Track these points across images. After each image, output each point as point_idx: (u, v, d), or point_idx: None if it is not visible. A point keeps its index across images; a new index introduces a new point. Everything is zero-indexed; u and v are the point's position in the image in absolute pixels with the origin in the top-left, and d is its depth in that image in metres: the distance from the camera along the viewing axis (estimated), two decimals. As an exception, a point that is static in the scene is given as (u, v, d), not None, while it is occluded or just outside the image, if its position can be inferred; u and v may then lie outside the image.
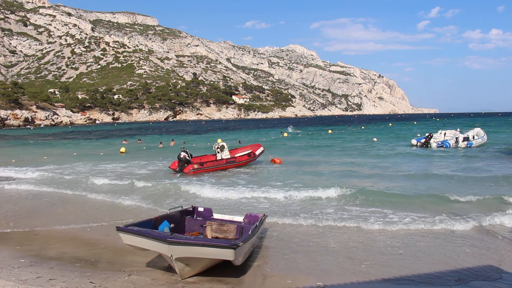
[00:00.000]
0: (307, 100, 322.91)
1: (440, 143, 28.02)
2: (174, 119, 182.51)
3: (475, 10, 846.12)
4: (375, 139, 35.54)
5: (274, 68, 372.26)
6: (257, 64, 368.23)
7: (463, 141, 27.13)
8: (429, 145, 28.31)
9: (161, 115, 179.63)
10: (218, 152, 18.43)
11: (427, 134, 30.07)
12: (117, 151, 29.32)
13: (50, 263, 6.59)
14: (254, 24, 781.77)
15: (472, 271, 6.11)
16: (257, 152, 19.12)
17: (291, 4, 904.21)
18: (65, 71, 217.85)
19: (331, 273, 6.10)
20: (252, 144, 21.23)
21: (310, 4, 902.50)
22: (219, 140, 34.23)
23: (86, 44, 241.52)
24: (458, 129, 31.80)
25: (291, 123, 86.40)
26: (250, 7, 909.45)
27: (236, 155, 18.70)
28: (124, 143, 37.77)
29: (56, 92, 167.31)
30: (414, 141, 30.27)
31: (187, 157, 17.31)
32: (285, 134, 47.78)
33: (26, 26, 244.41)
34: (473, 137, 28.44)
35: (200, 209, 8.05)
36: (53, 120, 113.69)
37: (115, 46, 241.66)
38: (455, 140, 27.62)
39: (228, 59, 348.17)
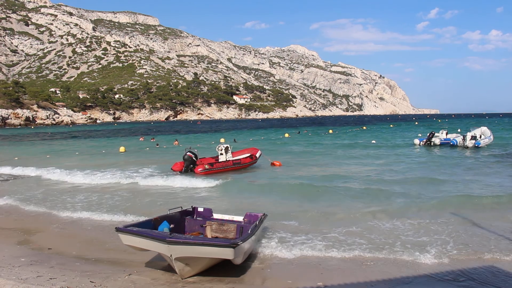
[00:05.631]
0: (308, 100, 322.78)
1: (443, 140, 28.24)
2: (175, 119, 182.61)
3: (474, 11, 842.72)
4: (373, 142, 35.13)
5: (275, 68, 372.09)
6: (258, 64, 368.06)
7: (470, 139, 26.83)
8: (432, 143, 28.52)
9: (162, 115, 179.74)
10: (222, 154, 18.40)
11: (428, 134, 30.28)
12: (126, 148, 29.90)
13: (50, 262, 6.60)
14: (254, 24, 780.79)
15: (469, 270, 6.12)
16: (257, 155, 19.39)
17: (290, 5, 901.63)
18: (66, 70, 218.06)
19: (331, 273, 6.12)
20: (249, 148, 21.28)
21: (309, 5, 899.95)
22: (222, 140, 34.30)
23: (87, 43, 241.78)
24: (459, 130, 31.94)
25: (292, 124, 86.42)
26: (249, 7, 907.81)
27: (240, 157, 18.79)
28: (141, 140, 41.20)
29: (57, 92, 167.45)
30: (416, 141, 30.34)
31: (193, 158, 17.31)
32: (286, 135, 47.88)
33: (28, 26, 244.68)
34: (480, 136, 28.07)
35: (200, 209, 8.05)
36: (54, 120, 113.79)
37: (116, 45, 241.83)
38: (462, 138, 27.55)
39: (229, 59, 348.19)
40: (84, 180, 15.47)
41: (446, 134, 29.89)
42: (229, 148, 18.76)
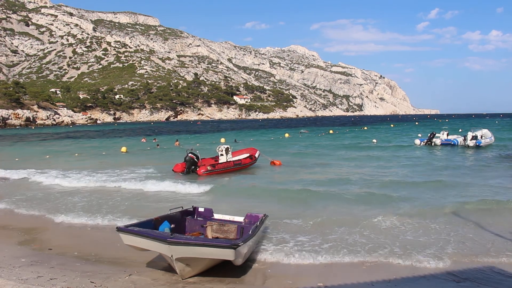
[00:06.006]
0: (308, 100, 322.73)
1: (444, 140, 28.33)
2: (175, 119, 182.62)
3: (474, 11, 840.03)
4: (374, 141, 35.19)
5: (275, 69, 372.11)
6: (259, 65, 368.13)
7: (471, 139, 26.89)
8: (432, 144, 28.64)
9: (162, 115, 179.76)
10: (222, 155, 18.44)
11: (429, 134, 30.39)
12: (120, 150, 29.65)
13: (51, 262, 6.61)
14: (254, 25, 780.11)
15: (468, 271, 6.12)
16: (256, 155, 19.46)
17: (290, 5, 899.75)
18: (66, 71, 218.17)
19: (331, 273, 6.11)
20: (247, 148, 21.31)
21: (310, 5, 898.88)
22: (222, 140, 34.28)
23: (88, 44, 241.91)
24: (461, 130, 31.99)
25: (292, 125, 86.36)
26: (249, 8, 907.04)
27: (241, 158, 18.85)
28: (143, 141, 40.18)
29: (58, 92, 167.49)
30: (417, 141, 30.46)
31: (195, 159, 17.34)
32: (286, 135, 47.85)
33: (28, 26, 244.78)
34: (481, 137, 28.14)
35: (201, 209, 8.05)
36: (54, 120, 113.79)
37: (117, 46, 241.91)
38: (463, 138, 27.63)
39: (229, 60, 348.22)
40: (83, 181, 15.40)
41: (447, 135, 29.94)
42: (230, 149, 18.81)
